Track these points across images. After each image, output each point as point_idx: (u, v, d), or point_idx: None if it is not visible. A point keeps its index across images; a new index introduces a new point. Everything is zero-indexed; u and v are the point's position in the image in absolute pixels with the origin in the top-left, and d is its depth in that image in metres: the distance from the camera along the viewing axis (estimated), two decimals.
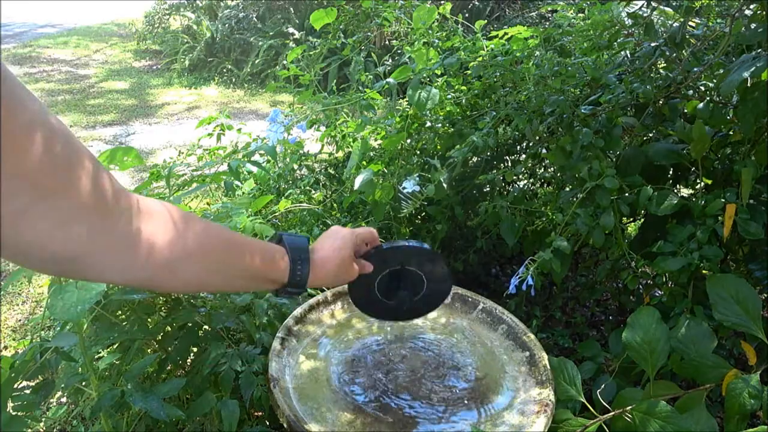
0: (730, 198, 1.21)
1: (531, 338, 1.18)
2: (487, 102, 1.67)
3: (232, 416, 1.12)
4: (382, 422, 1.00)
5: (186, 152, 2.16)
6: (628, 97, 1.34)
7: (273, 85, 2.20)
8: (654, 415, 0.98)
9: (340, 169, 2.07)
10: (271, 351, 1.10)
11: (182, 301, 1.26)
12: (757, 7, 1.23)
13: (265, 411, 1.23)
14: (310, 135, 2.04)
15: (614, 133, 1.38)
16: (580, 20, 1.67)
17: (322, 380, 1.09)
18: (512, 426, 1.00)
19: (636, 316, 1.11)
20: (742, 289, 1.08)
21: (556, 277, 1.43)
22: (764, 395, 0.96)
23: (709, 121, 1.28)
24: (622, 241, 1.37)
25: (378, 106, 1.75)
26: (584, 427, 1.03)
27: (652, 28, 1.39)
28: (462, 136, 1.56)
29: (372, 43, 2.42)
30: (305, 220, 1.82)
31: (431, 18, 1.62)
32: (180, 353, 1.24)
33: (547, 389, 1.05)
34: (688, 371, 1.08)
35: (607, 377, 1.23)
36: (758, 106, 1.14)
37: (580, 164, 1.33)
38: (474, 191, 1.78)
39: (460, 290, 1.33)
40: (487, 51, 1.60)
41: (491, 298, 1.31)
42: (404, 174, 1.56)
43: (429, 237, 1.78)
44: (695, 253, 1.20)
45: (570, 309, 1.99)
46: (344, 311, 1.29)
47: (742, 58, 1.13)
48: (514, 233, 1.50)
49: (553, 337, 1.79)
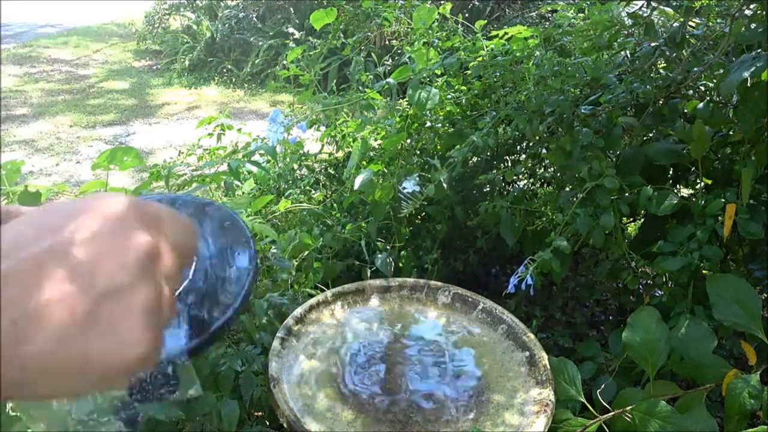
0: (730, 198, 1.21)
1: (531, 338, 1.18)
2: (487, 102, 1.67)
3: (232, 416, 1.11)
4: (382, 422, 1.00)
5: (186, 152, 2.16)
6: (628, 97, 1.34)
7: (273, 85, 2.21)
8: (654, 415, 0.98)
9: (340, 169, 2.07)
10: (271, 351, 1.10)
11: None
12: (757, 7, 1.23)
13: (265, 411, 1.23)
14: (310, 135, 2.04)
15: (614, 133, 1.38)
16: (580, 20, 1.67)
17: (322, 380, 1.09)
18: (512, 426, 1.00)
19: (636, 316, 1.11)
20: (742, 289, 1.08)
21: (556, 277, 1.43)
22: (764, 395, 0.96)
23: (709, 121, 1.28)
24: (622, 241, 1.37)
25: (378, 106, 1.75)
26: (584, 427, 1.03)
27: (652, 28, 1.39)
28: (462, 136, 1.56)
29: (372, 43, 2.42)
30: (305, 220, 1.82)
31: (431, 18, 1.62)
32: None
33: (547, 389, 1.05)
34: (688, 371, 1.08)
35: (607, 377, 1.23)
36: (758, 106, 1.14)
37: (580, 164, 1.33)
38: (474, 191, 1.78)
39: (460, 290, 1.33)
40: (487, 51, 1.60)
41: (491, 298, 1.31)
42: (404, 174, 1.55)
43: (429, 237, 1.78)
44: (695, 253, 1.19)
45: (570, 309, 1.99)
46: (344, 311, 1.29)
47: (742, 58, 1.13)
48: (514, 233, 1.50)
49: (553, 337, 1.78)
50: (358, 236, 1.69)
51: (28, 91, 5.28)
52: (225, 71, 6.02)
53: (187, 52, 6.16)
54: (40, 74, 5.90)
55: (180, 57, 6.13)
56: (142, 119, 4.79)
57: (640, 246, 1.41)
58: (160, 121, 4.77)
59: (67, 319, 0.24)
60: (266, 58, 5.78)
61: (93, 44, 7.33)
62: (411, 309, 1.32)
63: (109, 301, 0.25)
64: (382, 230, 1.79)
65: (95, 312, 0.25)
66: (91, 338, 0.25)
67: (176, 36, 6.50)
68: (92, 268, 0.25)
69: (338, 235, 1.69)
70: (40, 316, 0.24)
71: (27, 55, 6.56)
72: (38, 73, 5.95)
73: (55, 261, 0.25)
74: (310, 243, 1.58)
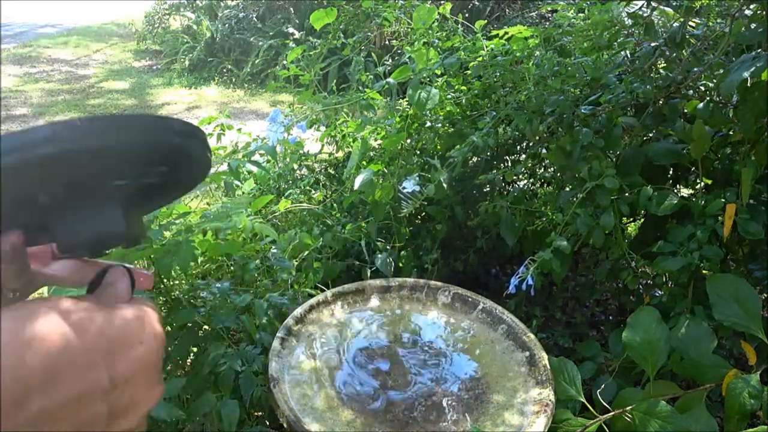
0: (730, 198, 1.21)
1: (531, 338, 1.18)
2: (487, 102, 1.67)
3: (232, 416, 1.11)
4: (382, 422, 1.00)
5: None
6: (628, 97, 1.34)
7: (273, 85, 2.20)
8: (654, 415, 0.98)
9: (340, 169, 2.07)
10: (271, 351, 1.10)
11: (182, 301, 1.26)
12: (757, 7, 1.23)
13: (265, 411, 1.23)
14: (310, 135, 2.04)
15: (614, 133, 1.38)
16: (580, 20, 1.67)
17: (322, 380, 1.09)
18: (512, 426, 1.00)
19: (636, 316, 1.11)
20: (742, 289, 1.08)
21: (556, 277, 1.43)
22: (764, 395, 0.96)
23: (709, 121, 1.28)
24: (622, 241, 1.37)
25: (378, 106, 1.75)
26: (584, 427, 1.03)
27: (652, 28, 1.39)
28: (462, 136, 1.56)
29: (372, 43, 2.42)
30: (305, 220, 1.82)
31: (431, 18, 1.62)
32: (180, 353, 1.24)
33: (547, 389, 1.05)
34: (688, 371, 1.08)
35: (607, 377, 1.23)
36: (758, 106, 1.14)
37: (580, 164, 1.33)
38: (474, 191, 1.78)
39: (460, 290, 1.33)
40: (487, 51, 1.60)
41: (491, 298, 1.31)
42: (404, 174, 1.55)
43: (429, 237, 1.78)
44: (695, 253, 1.19)
45: (570, 309, 1.99)
46: (344, 311, 1.29)
47: (742, 58, 1.13)
48: (514, 233, 1.50)
49: (553, 337, 1.78)
50: (358, 236, 1.69)
51: (28, 91, 5.28)
52: (225, 71, 6.02)
53: (187, 52, 6.16)
54: (40, 74, 5.90)
55: (180, 57, 6.12)
56: None
57: (640, 246, 1.41)
58: None
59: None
60: (266, 58, 5.78)
61: (93, 44, 7.32)
62: (411, 309, 1.32)
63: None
64: (382, 230, 1.79)
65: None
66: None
67: (176, 36, 6.50)
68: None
69: (338, 235, 1.69)
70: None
71: (27, 55, 6.56)
72: (38, 73, 5.95)
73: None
74: (310, 243, 1.58)
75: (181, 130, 0.33)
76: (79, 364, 0.26)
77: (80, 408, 0.26)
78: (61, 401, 0.25)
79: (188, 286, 1.36)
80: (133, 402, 0.29)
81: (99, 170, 0.31)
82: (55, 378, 0.25)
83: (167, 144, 0.33)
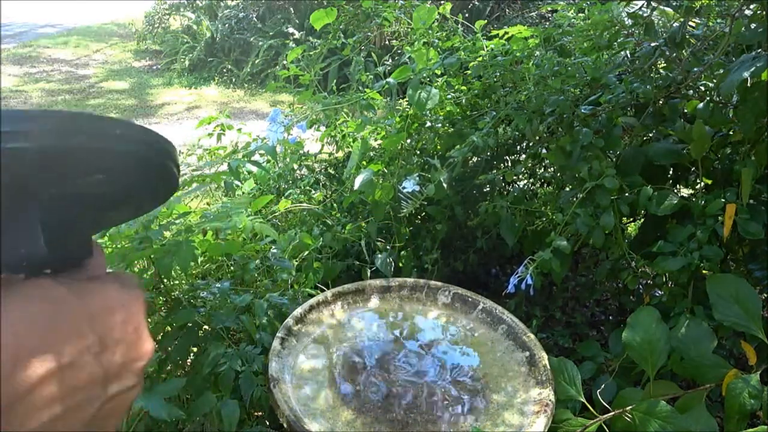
0: (730, 198, 1.21)
1: (531, 338, 1.18)
2: (487, 102, 1.67)
3: (232, 416, 1.11)
4: (382, 422, 1.00)
5: (186, 152, 2.16)
6: (628, 97, 1.34)
7: (273, 85, 2.20)
8: (654, 415, 0.98)
9: (340, 169, 2.07)
10: (271, 351, 1.10)
11: (182, 301, 1.26)
12: (757, 7, 1.23)
13: (265, 411, 1.23)
14: (310, 135, 2.04)
15: (614, 133, 1.38)
16: (580, 20, 1.67)
17: (322, 380, 1.09)
18: (512, 426, 1.00)
19: (636, 316, 1.11)
20: (742, 289, 1.08)
21: (556, 277, 1.43)
22: (764, 395, 0.96)
23: (709, 121, 1.28)
24: (622, 241, 1.37)
25: (378, 106, 1.75)
26: (584, 427, 1.03)
27: (652, 28, 1.39)
28: (462, 136, 1.56)
29: (372, 43, 2.42)
30: (305, 220, 1.82)
31: (431, 18, 1.62)
32: (180, 353, 1.24)
33: (547, 389, 1.05)
34: (688, 371, 1.08)
35: (607, 377, 1.23)
36: (758, 106, 1.14)
37: (580, 164, 1.33)
38: (474, 191, 1.78)
39: (460, 290, 1.33)
40: (487, 51, 1.60)
41: (491, 298, 1.31)
42: (404, 174, 1.55)
43: (429, 237, 1.78)
44: (695, 253, 1.20)
45: (570, 309, 1.99)
46: (344, 311, 1.29)
47: (742, 58, 1.13)
48: (514, 233, 1.50)
49: (553, 337, 1.79)
50: (358, 236, 1.69)
51: (28, 91, 5.28)
52: (225, 71, 6.02)
53: (187, 52, 6.16)
54: (40, 74, 5.90)
55: (180, 57, 6.13)
56: (142, 119, 4.79)
57: (640, 246, 1.41)
58: (160, 121, 4.77)
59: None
60: (266, 58, 5.79)
61: (93, 44, 7.32)
62: (411, 309, 1.32)
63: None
64: (382, 230, 1.79)
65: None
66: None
67: (176, 36, 6.50)
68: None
69: (338, 235, 1.70)
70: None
71: (27, 55, 6.56)
72: (38, 73, 5.95)
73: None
74: (310, 243, 1.58)
75: (123, 134, 0.28)
76: (65, 332, 0.28)
77: (75, 373, 0.28)
78: (53, 369, 0.27)
79: (188, 286, 1.36)
80: (125, 361, 0.31)
81: (13, 177, 0.26)
82: (45, 350, 0.27)
83: (99, 149, 0.28)
